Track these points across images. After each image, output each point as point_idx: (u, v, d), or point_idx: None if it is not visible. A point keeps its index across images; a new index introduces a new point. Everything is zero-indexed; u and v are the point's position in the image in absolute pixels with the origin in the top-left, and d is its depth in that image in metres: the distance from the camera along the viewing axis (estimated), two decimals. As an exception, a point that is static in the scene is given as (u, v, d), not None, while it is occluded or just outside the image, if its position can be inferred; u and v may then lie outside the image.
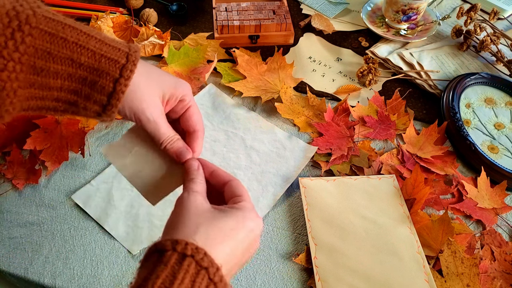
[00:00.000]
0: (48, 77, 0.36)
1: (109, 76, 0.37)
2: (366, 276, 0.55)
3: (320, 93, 0.79)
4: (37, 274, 0.56)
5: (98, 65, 0.37)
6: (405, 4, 0.83)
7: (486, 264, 0.57)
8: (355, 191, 0.63)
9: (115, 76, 0.37)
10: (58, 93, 0.37)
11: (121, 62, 0.38)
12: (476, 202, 0.64)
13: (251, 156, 0.69)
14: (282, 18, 0.85)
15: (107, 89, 0.38)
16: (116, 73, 0.37)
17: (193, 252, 0.32)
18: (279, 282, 0.57)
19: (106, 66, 0.37)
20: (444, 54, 0.86)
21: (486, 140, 0.72)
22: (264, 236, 0.61)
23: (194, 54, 0.81)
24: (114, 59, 0.38)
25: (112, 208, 0.61)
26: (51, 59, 0.36)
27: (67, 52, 0.36)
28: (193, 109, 0.45)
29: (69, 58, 0.36)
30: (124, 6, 0.91)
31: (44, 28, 0.35)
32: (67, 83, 0.37)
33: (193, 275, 0.31)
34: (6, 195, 0.63)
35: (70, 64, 0.37)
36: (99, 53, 0.37)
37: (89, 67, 0.37)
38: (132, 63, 0.38)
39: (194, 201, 0.37)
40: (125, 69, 0.38)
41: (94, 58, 0.37)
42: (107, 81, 0.37)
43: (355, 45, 0.90)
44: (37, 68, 0.35)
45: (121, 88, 0.38)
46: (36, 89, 0.36)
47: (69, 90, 0.38)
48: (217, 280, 0.32)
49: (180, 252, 0.31)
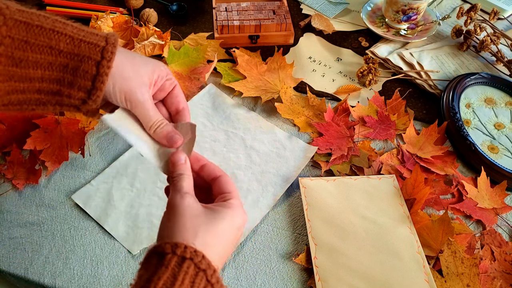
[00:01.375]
0: (28, 68, 0.36)
1: (91, 60, 0.37)
2: (366, 276, 0.55)
3: (320, 93, 0.79)
4: (37, 274, 0.56)
5: (78, 50, 0.37)
6: (405, 4, 0.83)
7: (486, 264, 0.57)
8: (355, 191, 0.63)
9: (96, 59, 0.37)
10: (39, 84, 0.37)
11: (101, 45, 0.37)
12: (476, 202, 0.64)
13: (251, 156, 0.69)
14: (282, 18, 0.85)
15: (90, 72, 0.37)
16: (97, 56, 0.37)
17: (192, 255, 0.33)
18: (279, 282, 0.57)
19: (86, 50, 0.37)
20: (444, 54, 0.86)
21: (486, 140, 0.72)
22: (264, 236, 0.61)
23: (194, 54, 0.81)
24: (94, 42, 0.37)
25: (112, 208, 0.61)
26: (29, 48, 0.35)
27: (44, 39, 0.36)
28: (179, 87, 0.45)
29: (48, 45, 0.36)
30: (124, 6, 0.91)
31: (19, 18, 0.35)
32: (48, 72, 0.36)
33: (192, 277, 0.32)
34: (6, 195, 0.63)
35: (49, 52, 0.36)
36: (78, 38, 0.37)
37: (69, 53, 0.37)
38: (112, 45, 0.38)
39: (187, 205, 0.37)
40: (105, 51, 0.37)
41: (73, 43, 0.37)
42: (89, 65, 0.37)
43: (355, 45, 0.90)
44: (16, 59, 0.35)
45: (104, 70, 0.37)
46: (17, 82, 0.36)
47: (51, 79, 0.37)
48: (214, 282, 0.33)
49: (180, 255, 0.33)
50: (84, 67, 0.37)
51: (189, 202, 0.38)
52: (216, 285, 0.33)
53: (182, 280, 0.31)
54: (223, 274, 0.57)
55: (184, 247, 0.33)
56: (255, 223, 0.61)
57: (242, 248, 0.59)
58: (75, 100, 0.38)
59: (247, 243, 0.60)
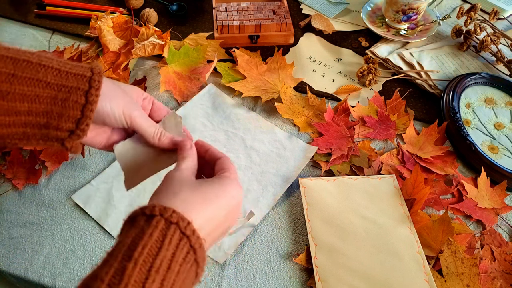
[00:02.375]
0: (15, 101, 0.36)
1: (79, 90, 0.38)
2: (366, 276, 0.55)
3: (320, 93, 0.79)
4: (37, 274, 0.56)
5: (66, 81, 0.38)
6: (405, 4, 0.83)
7: (486, 264, 0.57)
8: (355, 191, 0.63)
9: (84, 89, 0.38)
10: (26, 117, 0.37)
11: (87, 75, 0.39)
12: (476, 202, 0.64)
13: (251, 156, 0.69)
14: (282, 18, 0.85)
15: (80, 102, 0.38)
16: (85, 85, 0.38)
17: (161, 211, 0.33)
18: (279, 282, 0.57)
19: (74, 81, 0.38)
20: (444, 54, 0.86)
21: (486, 140, 0.72)
22: (264, 236, 0.61)
23: (194, 54, 0.81)
24: (80, 73, 0.39)
25: (112, 208, 0.61)
26: (16, 81, 0.36)
27: (32, 72, 0.36)
28: (156, 100, 0.47)
29: (35, 78, 0.36)
30: (124, 6, 0.91)
31: (6, 54, 0.36)
32: (35, 105, 0.37)
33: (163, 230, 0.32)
34: (6, 195, 0.63)
35: (36, 85, 0.37)
36: (64, 70, 0.38)
37: (57, 85, 0.37)
38: (97, 74, 0.39)
39: (179, 175, 0.39)
40: (92, 80, 0.39)
41: (60, 75, 0.38)
42: (78, 95, 0.38)
43: (355, 45, 0.90)
44: (3, 92, 0.35)
45: (93, 99, 0.38)
46: (2, 115, 0.36)
47: (38, 112, 0.37)
48: (189, 233, 0.33)
49: (149, 214, 0.33)
50: (73, 97, 0.38)
51: (182, 173, 0.39)
52: (192, 236, 0.33)
53: (151, 233, 0.31)
54: (223, 274, 0.57)
55: (152, 206, 0.33)
56: (255, 223, 0.61)
57: (242, 248, 0.59)
58: (62, 132, 0.38)
59: (247, 243, 0.60)
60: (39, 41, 0.86)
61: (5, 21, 0.90)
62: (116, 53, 0.78)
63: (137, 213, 0.34)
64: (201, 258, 0.34)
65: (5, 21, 0.90)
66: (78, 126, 0.38)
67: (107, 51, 0.78)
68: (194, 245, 0.33)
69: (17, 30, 0.88)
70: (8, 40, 0.86)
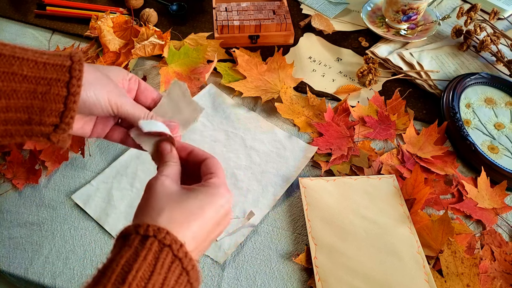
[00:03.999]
0: None
1: (59, 82, 0.35)
2: (366, 276, 0.55)
3: (320, 93, 0.79)
4: (37, 274, 0.56)
5: (45, 73, 0.35)
6: (405, 4, 0.83)
7: (486, 264, 0.57)
8: (355, 191, 0.63)
9: (65, 80, 0.35)
10: (5, 115, 0.35)
11: (67, 65, 0.36)
12: (476, 202, 0.64)
13: (251, 156, 0.69)
14: (282, 18, 0.85)
15: (61, 94, 0.35)
16: (65, 76, 0.36)
17: (155, 233, 0.32)
18: (279, 282, 0.57)
19: (53, 72, 0.35)
20: (444, 54, 0.86)
21: (486, 140, 0.72)
22: (264, 236, 0.61)
23: (194, 54, 0.81)
24: (59, 63, 0.36)
25: (112, 208, 0.61)
26: None
27: (5, 66, 0.34)
28: (142, 81, 0.45)
29: (9, 72, 0.34)
30: (124, 6, 0.91)
31: None
32: (13, 100, 0.34)
33: (156, 253, 0.32)
34: (6, 195, 0.63)
35: (12, 79, 0.34)
36: (41, 61, 0.35)
37: (35, 78, 0.35)
38: (78, 63, 0.36)
39: (161, 185, 0.37)
40: (73, 69, 0.36)
41: (37, 67, 0.35)
42: (59, 86, 0.35)
43: (355, 45, 0.90)
44: None
45: (75, 90, 0.36)
46: None
47: (17, 108, 0.35)
48: (181, 256, 0.32)
49: (143, 234, 0.32)
50: (54, 90, 0.35)
51: (163, 182, 0.38)
52: (184, 259, 0.32)
53: (145, 256, 0.31)
54: (223, 274, 0.57)
55: (146, 226, 0.32)
56: (255, 223, 0.61)
57: (242, 248, 0.59)
58: (46, 127, 0.36)
59: (247, 243, 0.60)
60: (39, 41, 0.86)
61: (5, 21, 0.90)
62: (116, 53, 0.78)
63: (130, 231, 0.33)
64: (194, 278, 0.34)
65: (5, 21, 0.90)
66: (62, 119, 0.36)
67: (107, 51, 0.78)
68: (186, 267, 0.33)
69: (17, 30, 0.88)
70: (8, 40, 0.86)
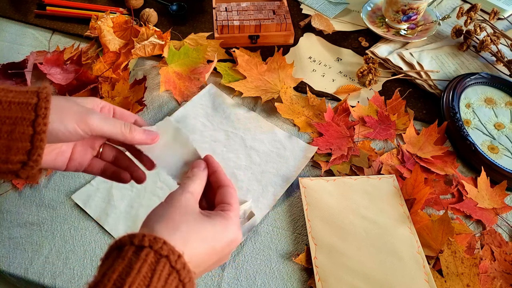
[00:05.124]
0: None
1: (24, 120, 0.35)
2: (366, 276, 0.55)
3: (320, 93, 0.79)
4: (37, 274, 0.56)
5: (9, 112, 0.35)
6: (405, 4, 0.83)
7: (486, 264, 0.57)
8: (355, 191, 0.63)
9: (30, 118, 0.35)
10: None
11: (33, 102, 0.35)
12: (476, 202, 0.64)
13: (251, 156, 0.69)
14: (282, 18, 0.85)
15: (27, 133, 0.35)
16: (30, 114, 0.35)
17: (151, 243, 0.31)
18: (279, 282, 0.57)
19: (18, 111, 0.35)
20: (444, 54, 0.86)
21: (486, 140, 0.72)
22: (264, 236, 0.61)
23: (194, 54, 0.81)
24: (24, 101, 0.35)
25: (112, 208, 0.61)
26: None
27: None
28: (118, 107, 0.44)
29: None
30: (124, 6, 0.91)
31: None
32: None
33: (152, 264, 0.30)
34: (6, 195, 0.63)
35: None
36: (6, 100, 0.35)
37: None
38: (44, 100, 0.36)
39: (185, 201, 0.37)
40: (38, 107, 0.35)
41: (2, 107, 0.35)
42: (24, 125, 0.35)
43: (355, 45, 0.90)
44: None
45: (41, 128, 0.35)
46: None
47: None
48: (179, 267, 0.31)
49: (138, 245, 0.31)
50: (19, 129, 0.35)
51: (188, 199, 0.37)
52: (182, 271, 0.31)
53: (139, 268, 0.30)
54: (223, 274, 0.57)
55: (142, 236, 0.31)
56: (255, 223, 0.61)
57: (242, 248, 0.59)
58: (14, 164, 0.36)
59: (247, 243, 0.60)
60: (39, 41, 0.86)
61: (5, 21, 0.90)
62: (116, 53, 0.78)
63: (125, 242, 0.32)
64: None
65: (5, 21, 0.90)
66: (30, 157, 0.36)
67: (107, 51, 0.78)
68: (183, 279, 0.31)
69: (17, 30, 0.88)
70: (8, 40, 0.86)
